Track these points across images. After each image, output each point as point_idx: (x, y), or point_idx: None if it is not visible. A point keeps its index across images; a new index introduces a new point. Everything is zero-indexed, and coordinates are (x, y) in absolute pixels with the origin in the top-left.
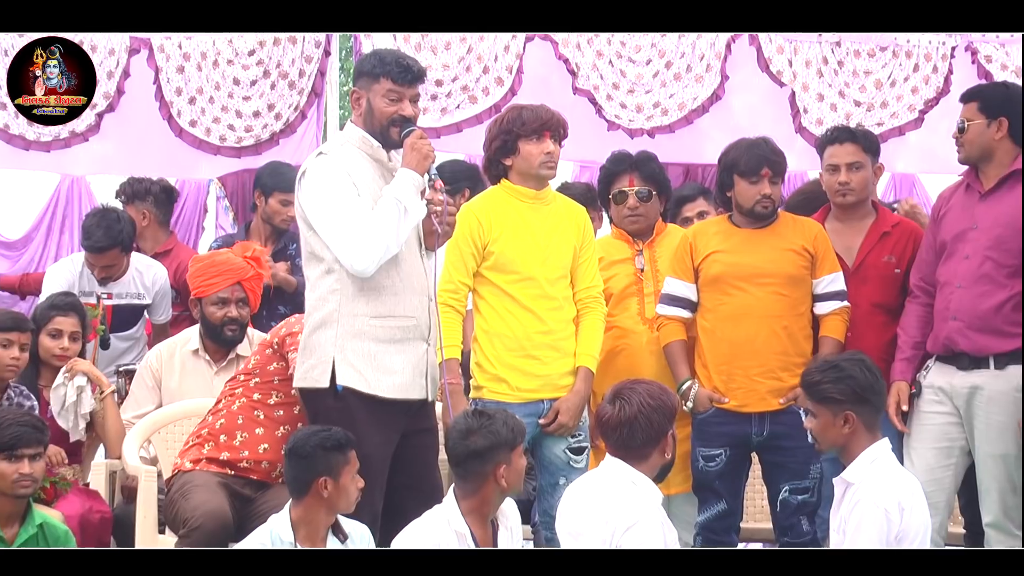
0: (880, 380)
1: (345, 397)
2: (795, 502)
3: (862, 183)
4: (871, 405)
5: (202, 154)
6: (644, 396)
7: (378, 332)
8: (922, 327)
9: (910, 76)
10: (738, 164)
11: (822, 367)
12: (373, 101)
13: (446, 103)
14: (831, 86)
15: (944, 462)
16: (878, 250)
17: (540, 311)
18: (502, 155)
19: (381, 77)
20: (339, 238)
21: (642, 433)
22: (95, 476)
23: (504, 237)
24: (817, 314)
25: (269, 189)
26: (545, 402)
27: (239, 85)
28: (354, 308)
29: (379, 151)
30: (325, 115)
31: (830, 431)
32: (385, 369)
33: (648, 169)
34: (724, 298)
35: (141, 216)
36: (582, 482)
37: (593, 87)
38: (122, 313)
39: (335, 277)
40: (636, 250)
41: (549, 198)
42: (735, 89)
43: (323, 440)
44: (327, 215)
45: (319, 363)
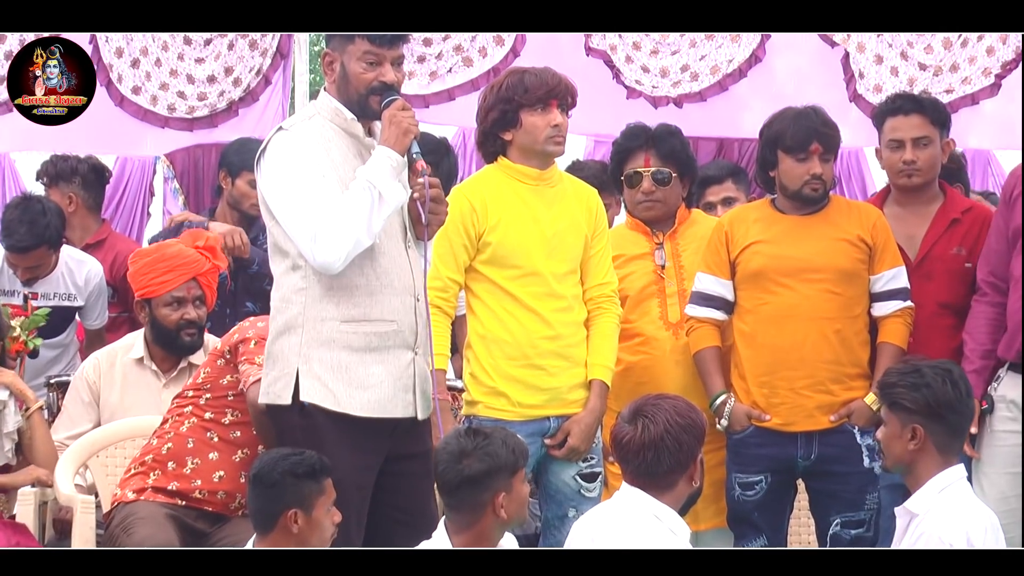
0: (966, 400)
1: (311, 413)
2: (848, 537)
3: (930, 162)
4: (947, 424)
5: (147, 126)
6: (671, 414)
7: (350, 339)
8: (992, 331)
9: (984, 34)
10: (783, 138)
11: (904, 369)
12: (348, 65)
13: (436, 66)
14: (891, 46)
15: (1018, 490)
16: (945, 240)
17: (545, 312)
18: (500, 128)
19: (356, 37)
20: (300, 228)
21: (669, 457)
22: (23, 506)
23: (503, 225)
24: (875, 316)
25: (236, 168)
26: (552, 419)
27: (191, 45)
28: (322, 311)
29: (353, 124)
30: (292, 80)
31: (896, 444)
32: (358, 383)
33: (668, 146)
34: (766, 297)
35: (67, 201)
36: (594, 515)
37: (610, 47)
38: (50, 317)
39: (300, 274)
40: (655, 243)
41: (555, 179)
42: (778, 50)
43: (293, 466)
44: (287, 201)
45: (282, 375)
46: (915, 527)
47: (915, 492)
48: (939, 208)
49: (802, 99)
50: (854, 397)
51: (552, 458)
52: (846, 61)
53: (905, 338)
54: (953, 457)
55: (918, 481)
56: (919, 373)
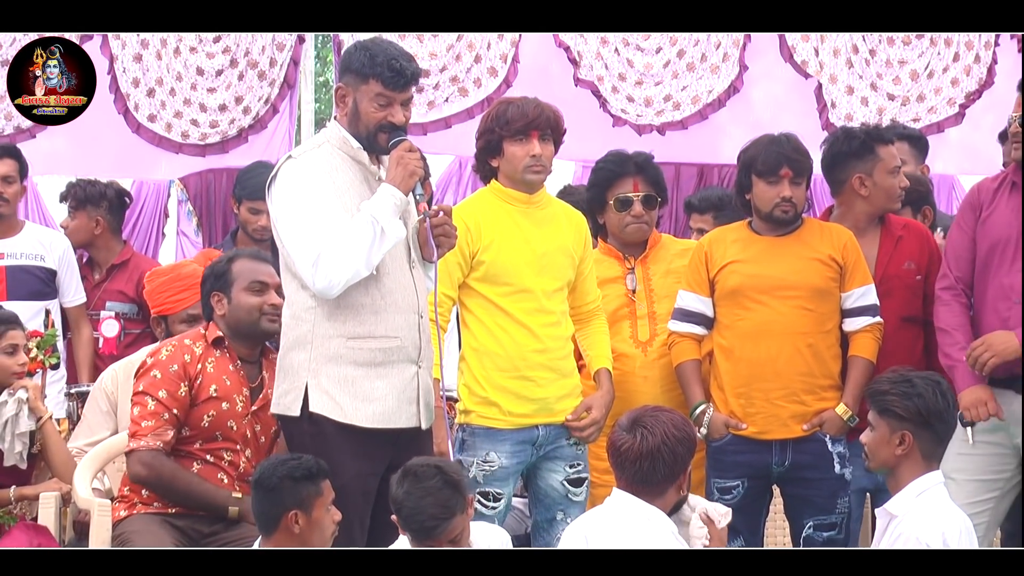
0: (952, 410)
1: (320, 422)
2: (820, 539)
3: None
4: (934, 433)
5: (162, 152)
6: (668, 426)
7: (356, 355)
8: (970, 331)
9: (949, 66)
10: (755, 163)
11: (894, 378)
12: (360, 104)
13: (434, 96)
14: (862, 77)
15: (986, 495)
16: (897, 257)
17: (535, 327)
18: (488, 155)
19: (371, 79)
20: (303, 253)
21: (664, 467)
22: (44, 509)
23: (496, 245)
24: (846, 331)
25: (239, 197)
26: (540, 428)
27: (203, 75)
28: (330, 328)
29: (360, 152)
30: (299, 109)
31: (884, 448)
32: (364, 396)
33: (654, 172)
34: (743, 313)
35: (94, 224)
36: (587, 519)
37: (597, 78)
38: (20, 277)
39: (310, 293)
40: (627, 268)
41: (545, 202)
42: (755, 81)
43: (291, 470)
44: (293, 226)
45: (292, 388)
46: (894, 527)
47: (895, 495)
48: (882, 229)
49: (778, 127)
50: (826, 407)
51: (542, 463)
52: (819, 91)
53: (874, 352)
54: (935, 463)
55: (899, 484)
56: (911, 383)
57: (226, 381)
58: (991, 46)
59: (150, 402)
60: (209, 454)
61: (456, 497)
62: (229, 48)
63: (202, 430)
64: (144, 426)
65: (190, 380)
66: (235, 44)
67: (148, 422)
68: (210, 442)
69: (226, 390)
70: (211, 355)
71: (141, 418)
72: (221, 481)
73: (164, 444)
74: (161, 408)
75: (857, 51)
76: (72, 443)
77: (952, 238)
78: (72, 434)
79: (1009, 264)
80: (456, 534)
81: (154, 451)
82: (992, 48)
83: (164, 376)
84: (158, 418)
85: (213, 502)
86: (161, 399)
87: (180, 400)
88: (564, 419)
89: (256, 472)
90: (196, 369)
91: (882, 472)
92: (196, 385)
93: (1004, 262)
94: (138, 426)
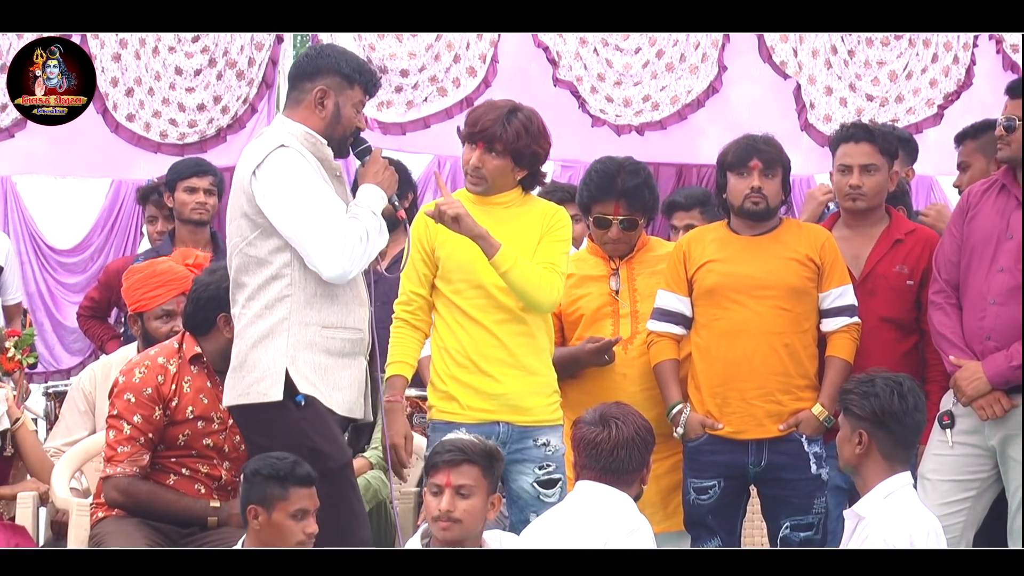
0: (912, 413)
1: (312, 403)
2: (797, 539)
3: (875, 188)
4: (891, 433)
5: (141, 152)
6: (637, 417)
7: (329, 344)
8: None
9: (928, 67)
10: (726, 157)
11: (859, 378)
12: (343, 107)
13: (412, 96)
14: (840, 78)
15: (961, 495)
16: (889, 259)
17: (490, 323)
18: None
19: (356, 85)
20: (322, 239)
21: (639, 456)
22: (22, 508)
23: (449, 241)
24: (823, 331)
25: (172, 183)
26: (501, 425)
27: (182, 75)
28: (306, 316)
29: (324, 149)
30: (277, 109)
31: (846, 446)
32: (334, 384)
33: (638, 198)
34: (720, 312)
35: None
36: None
37: (576, 78)
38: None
39: (285, 283)
40: (611, 269)
41: (511, 201)
42: (734, 81)
43: (264, 466)
44: (303, 214)
45: (266, 375)
46: (862, 529)
47: (863, 496)
48: (884, 229)
49: (757, 128)
50: (802, 407)
51: (511, 466)
52: (798, 92)
53: (851, 352)
54: (899, 465)
55: (866, 485)
56: (870, 382)
57: (203, 400)
58: (969, 47)
59: (125, 427)
60: (185, 468)
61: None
62: (208, 48)
63: (177, 448)
64: (120, 452)
65: (165, 402)
66: (214, 44)
67: (124, 448)
68: (186, 458)
69: (203, 408)
70: (187, 373)
71: (117, 443)
72: (198, 492)
73: (140, 469)
74: (137, 433)
75: (836, 52)
76: (50, 443)
77: (943, 243)
78: (50, 434)
79: (988, 264)
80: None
81: (131, 477)
82: (971, 49)
83: (138, 400)
84: (134, 443)
85: (192, 515)
86: (136, 424)
87: (155, 423)
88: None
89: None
90: (171, 390)
91: (848, 471)
92: (172, 407)
93: (984, 262)
94: (114, 451)
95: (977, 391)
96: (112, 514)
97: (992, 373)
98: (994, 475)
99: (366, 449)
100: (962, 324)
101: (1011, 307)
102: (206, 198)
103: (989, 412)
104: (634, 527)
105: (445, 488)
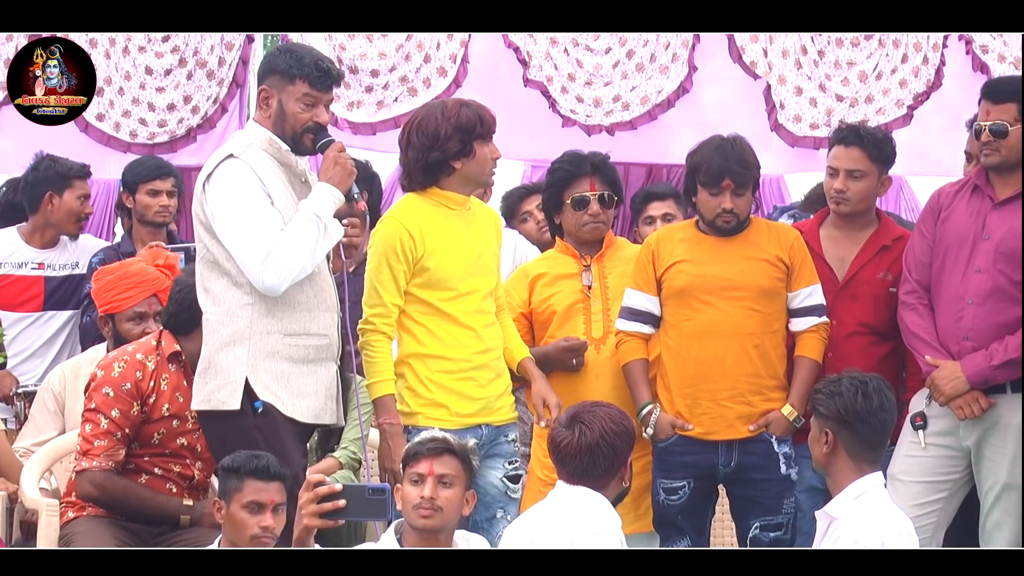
0: (877, 413)
1: (270, 412)
2: (767, 539)
3: (860, 194)
4: (855, 433)
5: (110, 151)
6: (606, 421)
7: (292, 351)
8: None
9: (898, 68)
10: (699, 172)
11: (829, 378)
12: (286, 104)
13: (383, 96)
14: (811, 79)
15: (933, 496)
16: (873, 265)
17: (479, 328)
18: (453, 157)
19: (297, 79)
20: (249, 254)
21: (604, 461)
22: None
23: (439, 251)
24: (793, 331)
25: (133, 185)
26: (483, 427)
27: (152, 75)
28: (267, 324)
29: (287, 155)
30: (248, 108)
31: (815, 446)
32: (298, 392)
33: (610, 173)
34: (690, 313)
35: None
36: (533, 512)
37: (546, 78)
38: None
39: (245, 290)
40: (583, 266)
41: (470, 203)
42: (704, 81)
43: (228, 459)
44: (237, 227)
45: (226, 383)
46: (833, 530)
47: (835, 496)
48: (872, 234)
49: (727, 128)
50: (772, 408)
51: (484, 461)
52: (768, 93)
53: (820, 352)
54: (867, 465)
55: (837, 485)
56: (836, 382)
57: (179, 398)
58: (939, 48)
59: (103, 420)
60: (157, 467)
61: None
62: (178, 47)
63: (152, 446)
64: (96, 445)
65: (143, 398)
66: (184, 43)
67: (100, 441)
68: (159, 457)
69: (179, 407)
70: (165, 371)
71: (93, 437)
72: (170, 491)
73: (116, 464)
74: (114, 427)
75: (806, 52)
76: (19, 443)
77: (913, 243)
78: (19, 434)
79: (964, 265)
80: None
81: (107, 471)
82: (940, 50)
83: (117, 395)
84: (111, 438)
85: (165, 513)
86: (114, 418)
87: (133, 419)
88: (541, 424)
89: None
90: (149, 387)
91: (819, 471)
92: (149, 404)
93: (959, 262)
94: (90, 445)
95: (956, 391)
96: (82, 514)
97: (971, 373)
98: (966, 476)
99: (335, 449)
100: (935, 324)
101: (988, 307)
102: (169, 200)
103: (968, 412)
104: (601, 528)
105: (428, 476)
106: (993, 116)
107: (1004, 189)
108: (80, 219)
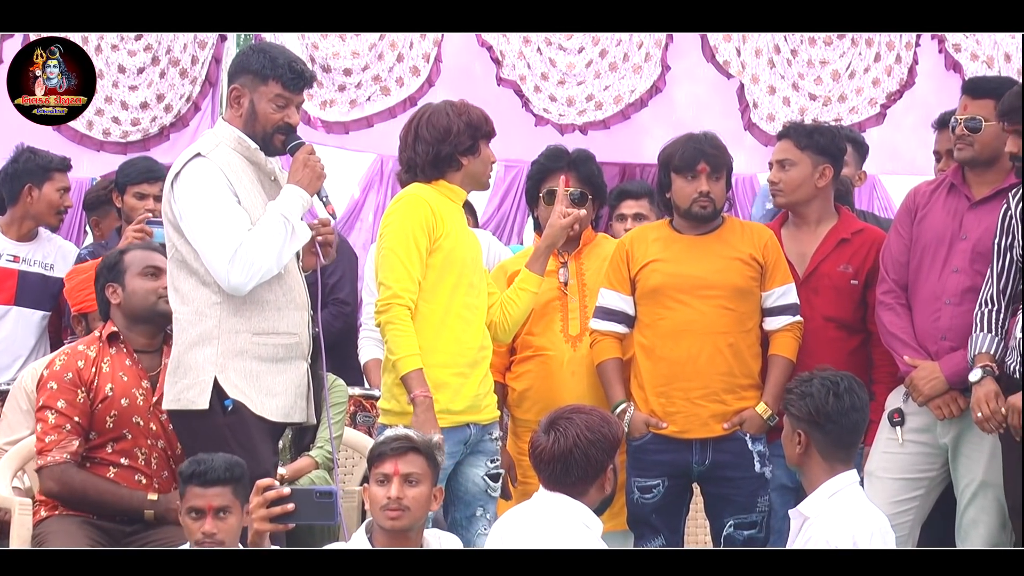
0: (849, 413)
1: (239, 410)
2: (741, 538)
3: (791, 184)
4: (827, 433)
5: (83, 150)
6: (582, 428)
7: (260, 350)
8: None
9: (871, 67)
10: (673, 159)
11: (799, 377)
12: (258, 104)
13: (356, 95)
14: (783, 78)
15: (911, 494)
16: (833, 258)
17: (477, 322)
18: (460, 152)
19: (270, 80)
20: (215, 253)
21: (578, 469)
22: None
23: (453, 234)
24: (767, 330)
25: (122, 185)
26: (471, 427)
27: (124, 73)
28: (236, 324)
29: (257, 153)
30: (221, 107)
31: (788, 444)
32: (267, 391)
33: (587, 170)
34: (664, 312)
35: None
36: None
37: (519, 78)
38: None
39: (214, 289)
40: (560, 262)
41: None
42: (677, 81)
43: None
44: (204, 226)
45: (195, 383)
46: (806, 529)
47: (809, 495)
48: (831, 228)
49: (700, 127)
50: (746, 406)
51: (467, 458)
52: (741, 92)
53: (794, 350)
54: (839, 464)
55: (811, 484)
56: (807, 382)
57: (122, 377)
58: (912, 46)
59: (50, 416)
60: (123, 456)
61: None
62: (151, 46)
63: (108, 432)
64: (48, 441)
65: (86, 385)
66: (157, 42)
67: (51, 436)
68: (120, 442)
69: (123, 386)
70: (106, 354)
71: (44, 433)
72: (139, 483)
73: (72, 455)
74: (63, 419)
75: (779, 51)
76: None
77: (890, 242)
78: None
79: (941, 264)
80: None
81: (63, 464)
82: (913, 48)
83: (60, 386)
84: (60, 431)
85: (128, 506)
86: (61, 410)
87: (80, 407)
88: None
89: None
90: (91, 372)
91: (793, 469)
92: (93, 388)
93: (936, 262)
94: (43, 442)
95: (935, 390)
96: (55, 513)
97: (950, 373)
98: (943, 473)
99: (311, 448)
100: (913, 324)
101: (966, 307)
102: (155, 204)
103: (946, 411)
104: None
105: (393, 476)
106: (970, 111)
107: (981, 188)
108: (60, 211)
